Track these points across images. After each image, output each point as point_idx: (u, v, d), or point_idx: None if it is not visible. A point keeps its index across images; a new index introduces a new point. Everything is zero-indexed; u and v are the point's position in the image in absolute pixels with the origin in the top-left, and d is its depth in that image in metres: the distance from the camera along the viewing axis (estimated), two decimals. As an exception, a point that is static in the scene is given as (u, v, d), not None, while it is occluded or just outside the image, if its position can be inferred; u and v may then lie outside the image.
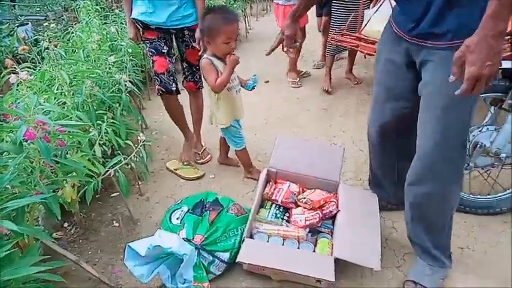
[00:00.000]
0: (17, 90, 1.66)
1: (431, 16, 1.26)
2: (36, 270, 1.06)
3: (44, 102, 1.71)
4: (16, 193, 1.30)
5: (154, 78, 2.21)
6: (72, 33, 2.63)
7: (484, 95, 1.86)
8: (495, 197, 1.98)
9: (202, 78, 2.14)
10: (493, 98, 1.89)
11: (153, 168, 2.51)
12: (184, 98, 2.44)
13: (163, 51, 2.15)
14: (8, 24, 4.42)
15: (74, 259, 1.72)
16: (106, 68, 2.16)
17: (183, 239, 1.61)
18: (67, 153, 1.57)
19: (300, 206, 1.82)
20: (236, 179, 2.37)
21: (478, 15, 1.03)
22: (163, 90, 2.20)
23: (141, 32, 2.17)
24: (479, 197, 1.99)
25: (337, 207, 1.76)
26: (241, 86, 2.13)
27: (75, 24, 3.35)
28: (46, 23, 4.38)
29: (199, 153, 2.57)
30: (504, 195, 1.97)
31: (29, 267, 1.04)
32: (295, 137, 2.13)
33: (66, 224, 2.08)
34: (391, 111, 1.63)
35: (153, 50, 2.15)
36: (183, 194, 2.26)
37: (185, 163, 2.46)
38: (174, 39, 2.24)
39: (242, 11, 5.39)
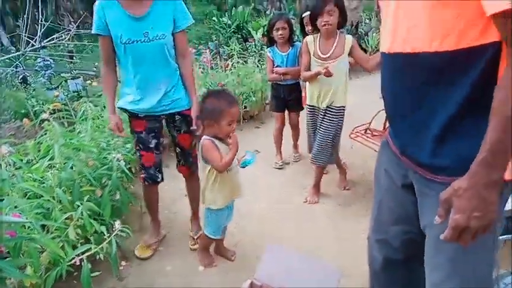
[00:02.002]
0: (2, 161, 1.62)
1: (426, 144, 1.06)
2: None
3: (27, 178, 1.65)
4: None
5: (140, 169, 2.16)
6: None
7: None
8: None
9: (199, 160, 2.02)
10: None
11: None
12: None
13: (150, 146, 2.11)
14: (59, 77, 4.76)
15: None
16: (105, 144, 2.12)
17: None
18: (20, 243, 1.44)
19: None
20: (227, 278, 2.13)
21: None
22: (150, 181, 2.18)
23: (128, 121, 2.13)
24: None
25: None
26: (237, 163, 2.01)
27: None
28: (92, 81, 4.67)
29: (195, 237, 2.39)
30: None
31: None
32: (287, 249, 1.91)
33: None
34: (394, 235, 1.37)
35: (140, 145, 2.10)
36: (164, 284, 2.09)
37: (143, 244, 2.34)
38: (164, 125, 2.19)
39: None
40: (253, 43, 6.03)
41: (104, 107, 2.67)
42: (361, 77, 5.73)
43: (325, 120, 2.65)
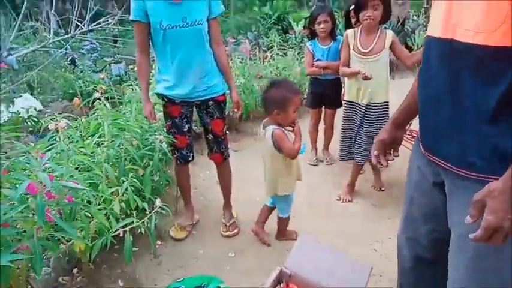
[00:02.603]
0: (52, 136, 1.74)
1: (460, 138, 1.06)
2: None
3: (78, 151, 1.76)
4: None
5: (173, 150, 2.26)
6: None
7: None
8: None
9: (270, 150, 2.07)
10: None
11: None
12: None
13: (184, 130, 2.21)
14: (103, 61, 4.95)
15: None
16: (147, 126, 2.21)
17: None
18: (80, 208, 1.55)
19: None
20: (256, 265, 2.18)
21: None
22: (182, 161, 2.31)
23: (163, 107, 2.20)
24: None
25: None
26: None
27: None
28: (132, 66, 4.82)
29: (228, 224, 2.45)
30: None
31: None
32: (319, 241, 1.94)
33: (75, 270, 2.05)
34: (425, 235, 1.37)
35: (175, 129, 2.19)
36: (195, 266, 2.14)
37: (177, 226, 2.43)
38: (195, 112, 2.27)
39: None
40: (294, 35, 6.01)
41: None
42: (406, 76, 5.59)
43: (366, 117, 2.62)
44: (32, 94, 3.51)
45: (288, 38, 6.08)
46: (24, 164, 1.43)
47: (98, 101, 2.02)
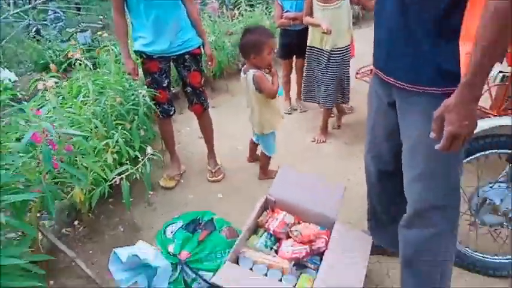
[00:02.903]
0: (43, 96, 1.84)
1: (408, 61, 1.27)
2: (15, 262, 1.16)
3: (67, 109, 1.87)
4: (20, 188, 1.43)
5: (155, 105, 2.36)
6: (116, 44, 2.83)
7: (499, 150, 1.78)
8: (503, 259, 1.85)
9: (251, 91, 2.27)
10: (509, 155, 1.79)
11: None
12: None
13: (164, 85, 2.34)
14: (69, 30, 4.85)
15: (72, 256, 1.84)
16: (132, 82, 2.31)
17: (169, 253, 1.67)
18: (75, 158, 1.70)
19: (291, 238, 1.82)
20: (243, 200, 2.40)
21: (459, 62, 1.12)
22: (165, 115, 2.44)
23: (140, 64, 2.30)
24: (485, 256, 1.87)
25: (326, 244, 1.74)
26: None
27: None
28: (101, 32, 4.78)
29: (213, 171, 2.65)
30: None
31: (8, 258, 1.14)
32: (298, 172, 2.19)
33: (76, 222, 2.22)
34: (388, 150, 1.61)
35: (155, 85, 2.31)
36: (187, 209, 2.32)
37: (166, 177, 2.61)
38: (172, 66, 2.39)
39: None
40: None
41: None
42: (371, 26, 5.73)
43: (330, 61, 2.80)
44: None
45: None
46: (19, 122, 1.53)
47: (78, 61, 2.10)
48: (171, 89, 2.50)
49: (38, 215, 1.75)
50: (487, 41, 1.01)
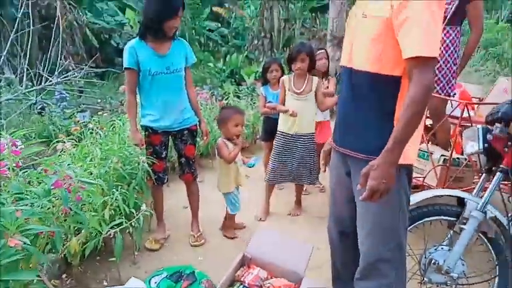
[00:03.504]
0: (59, 156, 2.17)
1: (358, 136, 1.67)
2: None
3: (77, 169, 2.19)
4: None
5: (152, 173, 2.68)
6: (120, 119, 3.26)
7: (439, 217, 2.12)
8: (450, 317, 2.08)
9: (217, 156, 2.80)
10: (449, 221, 2.14)
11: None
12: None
13: (162, 156, 2.74)
14: (71, 110, 5.34)
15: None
16: (133, 150, 2.68)
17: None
18: (81, 208, 1.97)
19: (264, 290, 2.03)
20: (221, 264, 2.59)
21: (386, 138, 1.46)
22: (159, 182, 2.79)
23: (145, 136, 2.67)
24: (435, 314, 2.10)
25: (295, 296, 1.96)
26: (243, 163, 2.86)
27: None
28: (101, 113, 5.27)
29: (196, 236, 2.89)
30: (459, 316, 2.07)
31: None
32: (273, 230, 2.49)
33: (64, 276, 2.37)
34: (347, 213, 1.92)
35: (155, 155, 2.68)
36: (170, 268, 2.53)
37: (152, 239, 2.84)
38: (170, 140, 2.79)
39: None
40: (246, 86, 6.77)
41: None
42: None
43: (297, 145, 3.20)
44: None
45: (241, 89, 6.84)
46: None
47: (90, 130, 2.48)
48: (167, 159, 2.87)
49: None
50: (404, 121, 1.42)
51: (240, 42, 11.27)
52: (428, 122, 3.16)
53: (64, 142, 2.12)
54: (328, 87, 3.63)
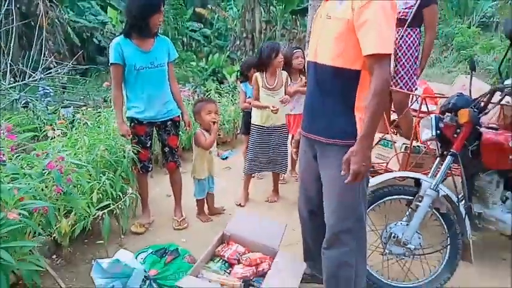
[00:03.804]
0: (50, 143, 2.32)
1: (324, 123, 1.90)
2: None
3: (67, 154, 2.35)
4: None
5: (137, 161, 2.87)
6: (105, 112, 3.43)
7: (399, 196, 2.37)
8: (409, 285, 2.33)
9: (194, 145, 3.02)
10: (407, 200, 2.39)
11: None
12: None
13: (147, 145, 2.92)
14: (54, 105, 5.43)
15: (54, 275, 2.15)
16: (118, 140, 2.84)
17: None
18: (71, 192, 2.13)
19: (242, 263, 2.24)
20: (202, 244, 2.78)
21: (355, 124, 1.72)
22: (144, 170, 2.97)
23: (131, 127, 2.83)
24: (396, 283, 2.34)
25: (269, 266, 2.17)
26: (217, 155, 3.03)
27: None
28: (85, 108, 5.38)
29: (179, 220, 3.07)
30: (414, 285, 2.32)
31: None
32: (251, 212, 2.71)
33: (54, 256, 2.52)
34: (315, 193, 2.14)
35: (140, 145, 2.85)
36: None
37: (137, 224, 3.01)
38: (155, 131, 2.97)
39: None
40: (228, 84, 6.96)
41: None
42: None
43: (272, 136, 3.42)
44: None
45: (222, 87, 7.03)
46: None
47: (78, 121, 2.64)
48: (151, 148, 3.04)
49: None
50: (371, 110, 1.65)
51: (223, 43, 11.49)
52: (394, 116, 3.43)
53: (54, 130, 2.27)
54: (306, 83, 3.84)
